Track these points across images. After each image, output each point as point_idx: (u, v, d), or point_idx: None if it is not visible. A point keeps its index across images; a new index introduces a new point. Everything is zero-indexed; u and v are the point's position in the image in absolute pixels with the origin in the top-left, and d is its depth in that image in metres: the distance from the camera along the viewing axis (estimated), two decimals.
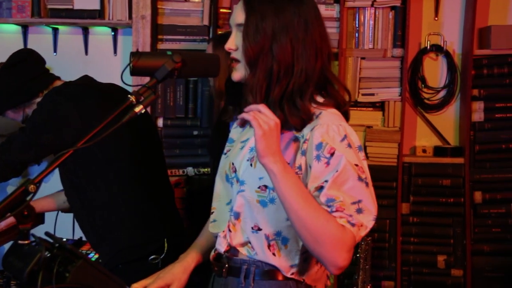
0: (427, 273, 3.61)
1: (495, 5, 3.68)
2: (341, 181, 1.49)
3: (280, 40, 1.56)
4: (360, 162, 1.53)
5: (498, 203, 3.60)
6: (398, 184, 3.59)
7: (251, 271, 1.63)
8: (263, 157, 1.49)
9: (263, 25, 1.56)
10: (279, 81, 1.57)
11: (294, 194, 1.47)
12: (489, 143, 3.61)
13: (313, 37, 1.58)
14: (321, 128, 1.54)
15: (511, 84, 3.58)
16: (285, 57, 1.56)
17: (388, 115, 3.61)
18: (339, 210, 1.47)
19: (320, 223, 1.45)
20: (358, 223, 1.47)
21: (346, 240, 1.46)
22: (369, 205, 1.50)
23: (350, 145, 1.52)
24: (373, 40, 3.61)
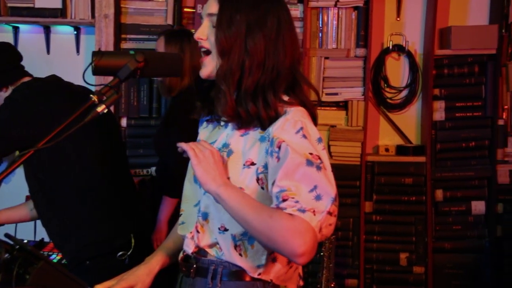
0: (389, 270, 3.65)
1: (455, 6, 3.75)
2: (290, 170, 1.47)
3: (254, 34, 1.56)
4: (317, 151, 1.50)
5: (459, 201, 3.66)
6: (362, 183, 3.63)
7: (218, 271, 1.62)
8: (204, 184, 1.53)
9: (238, 17, 1.56)
10: (252, 73, 1.57)
11: (240, 205, 1.50)
12: (450, 141, 3.67)
13: (285, 37, 1.59)
14: (278, 123, 1.55)
15: (471, 84, 3.65)
16: (257, 52, 1.56)
17: (352, 115, 3.65)
18: (286, 199, 1.44)
19: (265, 222, 1.44)
20: (310, 208, 1.43)
21: (297, 228, 1.41)
22: (325, 188, 1.46)
23: (305, 136, 1.51)
24: (337, 40, 3.65)
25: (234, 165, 1.60)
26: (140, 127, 3.64)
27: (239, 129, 1.62)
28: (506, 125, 3.66)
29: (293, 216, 1.42)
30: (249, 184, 1.57)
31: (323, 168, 1.48)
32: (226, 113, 1.59)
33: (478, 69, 3.64)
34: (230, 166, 1.60)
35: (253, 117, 1.57)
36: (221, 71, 1.58)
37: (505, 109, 3.66)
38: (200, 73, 1.65)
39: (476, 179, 3.66)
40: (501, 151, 3.65)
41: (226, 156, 1.62)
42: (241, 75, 1.57)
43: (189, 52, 3.02)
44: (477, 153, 3.67)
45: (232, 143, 1.62)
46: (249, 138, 1.60)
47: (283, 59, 1.59)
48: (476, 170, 3.66)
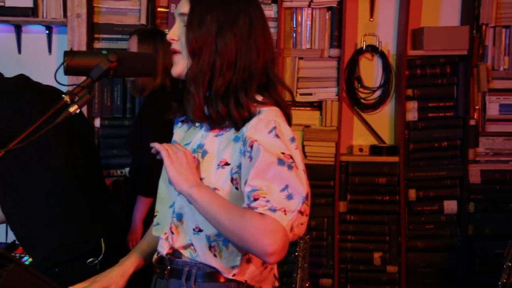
0: (363, 270, 3.68)
1: (427, 7, 3.78)
2: (262, 170, 1.47)
3: (224, 34, 1.55)
4: (290, 151, 1.50)
5: (431, 200, 3.70)
6: (336, 183, 3.64)
7: (193, 273, 1.62)
8: (176, 184, 1.54)
9: (208, 17, 1.55)
10: (222, 74, 1.55)
11: (211, 205, 1.50)
12: (423, 141, 3.70)
13: (257, 36, 1.58)
14: (251, 122, 1.54)
15: (443, 84, 3.68)
16: (228, 52, 1.55)
17: (326, 115, 3.66)
18: (256, 198, 1.45)
19: (236, 221, 1.45)
20: (281, 208, 1.43)
21: (267, 227, 1.42)
22: (296, 187, 1.47)
23: (278, 136, 1.51)
24: (311, 40, 3.66)
25: (208, 165, 1.59)
26: (113, 127, 3.62)
27: (212, 129, 1.61)
28: (478, 125, 3.70)
29: (264, 216, 1.43)
30: (223, 185, 1.57)
31: (295, 168, 1.49)
32: (195, 114, 1.58)
33: (450, 69, 3.67)
34: (205, 166, 1.59)
35: (223, 118, 1.57)
36: (191, 72, 1.57)
37: (476, 109, 3.70)
38: (172, 71, 1.64)
39: (448, 179, 3.70)
40: (472, 151, 3.69)
41: (201, 156, 1.61)
42: (212, 76, 1.56)
43: (162, 52, 3.01)
44: (449, 153, 3.70)
45: (206, 144, 1.62)
46: (223, 138, 1.60)
47: (255, 58, 1.58)
48: (448, 170, 3.69)
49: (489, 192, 3.68)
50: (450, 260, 3.68)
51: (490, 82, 3.68)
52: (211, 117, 1.58)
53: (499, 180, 3.70)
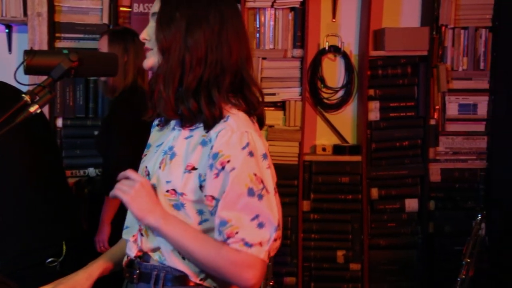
0: (327, 268, 3.71)
1: (388, 9, 3.83)
2: (232, 200, 1.48)
3: (193, 30, 1.54)
4: (261, 171, 1.50)
5: (393, 199, 3.75)
6: (299, 182, 3.67)
7: (161, 277, 1.59)
8: (142, 219, 1.54)
9: (177, 14, 1.54)
10: (193, 69, 1.54)
11: (183, 239, 1.52)
12: (385, 141, 3.75)
13: (228, 32, 1.56)
14: (224, 135, 1.51)
15: (404, 84, 3.74)
16: (198, 48, 1.53)
17: (289, 115, 3.68)
18: (230, 236, 1.47)
19: (212, 258, 1.49)
20: (256, 242, 1.47)
21: (245, 263, 1.46)
22: (267, 217, 1.48)
23: (252, 153, 1.49)
24: (274, 40, 3.67)
25: (176, 168, 1.56)
26: (76, 127, 3.59)
27: (184, 129, 1.59)
28: (438, 125, 3.76)
29: (240, 252, 1.46)
30: (190, 190, 1.54)
31: (266, 194, 1.49)
32: (166, 112, 1.57)
33: (411, 70, 3.73)
34: (172, 169, 1.57)
35: (195, 115, 1.55)
36: (161, 69, 1.56)
37: (437, 109, 3.76)
38: (144, 64, 1.63)
39: (409, 178, 3.75)
40: (432, 150, 3.76)
41: (169, 159, 1.58)
42: (182, 72, 1.54)
43: (133, 52, 3.00)
44: (410, 152, 3.76)
45: (176, 146, 1.59)
46: (192, 140, 1.58)
47: (227, 54, 1.55)
48: (409, 168, 3.75)
49: (449, 191, 3.75)
50: (411, 257, 3.74)
51: (449, 83, 3.75)
52: (183, 114, 1.56)
53: (458, 179, 3.77)
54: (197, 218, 1.55)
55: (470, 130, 3.79)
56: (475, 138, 3.78)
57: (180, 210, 1.56)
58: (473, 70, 3.75)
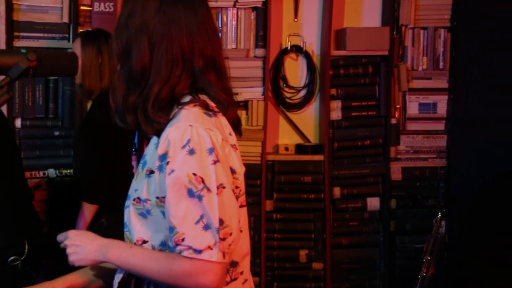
0: (289, 267, 3.72)
1: (349, 8, 3.85)
2: (173, 204, 1.44)
3: (139, 40, 1.51)
4: (203, 169, 1.44)
5: (355, 198, 3.78)
6: (262, 181, 3.67)
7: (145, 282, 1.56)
8: (96, 262, 1.58)
9: (131, 22, 1.52)
10: (138, 84, 1.52)
11: (135, 264, 1.52)
12: (347, 140, 3.77)
13: (181, 42, 1.52)
14: (168, 132, 1.47)
15: (365, 84, 3.77)
16: (143, 60, 1.51)
17: (252, 114, 3.68)
18: (178, 243, 1.44)
19: (167, 275, 1.47)
20: (204, 247, 1.43)
21: (199, 271, 1.44)
22: (210, 217, 1.43)
23: (193, 151, 1.44)
24: (236, 40, 3.67)
25: (143, 177, 1.56)
26: (35, 128, 3.53)
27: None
28: (399, 124, 3.81)
29: (193, 260, 1.43)
30: (152, 194, 1.52)
31: (206, 194, 1.44)
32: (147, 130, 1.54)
33: (372, 69, 3.76)
34: (141, 178, 1.56)
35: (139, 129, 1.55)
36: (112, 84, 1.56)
37: (397, 109, 3.80)
38: None
39: (371, 176, 3.78)
40: (394, 149, 3.80)
41: (141, 168, 1.58)
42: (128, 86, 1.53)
43: (107, 53, 2.97)
44: (371, 151, 3.79)
45: (147, 154, 1.59)
46: (151, 146, 1.58)
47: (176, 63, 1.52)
48: (371, 167, 3.78)
49: (410, 189, 3.79)
50: (373, 256, 3.78)
51: (410, 82, 3.80)
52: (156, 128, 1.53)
53: (419, 177, 3.82)
54: (164, 221, 1.50)
55: (430, 129, 3.84)
56: (435, 136, 3.84)
57: (147, 218, 1.54)
58: (432, 69, 3.80)
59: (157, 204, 1.50)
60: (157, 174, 1.48)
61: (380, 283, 3.77)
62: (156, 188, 1.49)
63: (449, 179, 3.80)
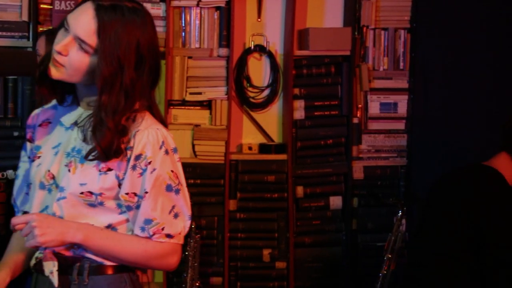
0: (253, 267, 3.72)
1: (312, 9, 3.87)
2: (154, 199, 1.63)
3: (130, 70, 1.61)
4: (175, 166, 1.68)
5: (318, 197, 3.80)
6: (226, 181, 3.67)
7: (85, 267, 1.64)
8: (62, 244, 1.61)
9: (118, 53, 1.59)
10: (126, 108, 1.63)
11: (108, 246, 1.63)
12: (310, 139, 3.79)
13: (151, 63, 1.67)
14: (141, 135, 1.63)
15: (328, 84, 3.79)
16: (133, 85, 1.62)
17: (215, 114, 3.68)
18: (156, 233, 1.64)
19: (140, 256, 1.65)
20: (176, 233, 1.67)
21: (169, 252, 1.67)
22: (182, 208, 1.68)
23: (167, 152, 1.65)
24: (200, 39, 3.66)
25: (90, 171, 1.62)
26: None
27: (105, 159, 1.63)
28: (360, 123, 3.84)
29: (163, 243, 1.65)
30: (109, 189, 1.62)
31: (181, 188, 1.68)
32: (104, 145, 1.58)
33: (334, 69, 3.79)
34: (86, 172, 1.62)
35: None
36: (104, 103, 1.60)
37: (359, 108, 3.84)
38: (51, 74, 1.63)
39: (333, 175, 3.81)
40: (356, 148, 3.83)
41: (79, 162, 1.63)
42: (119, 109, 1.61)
43: None
44: (334, 150, 3.82)
45: (85, 148, 1.63)
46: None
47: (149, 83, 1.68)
48: (334, 166, 3.81)
49: (371, 188, 3.83)
50: (336, 254, 3.80)
51: (371, 82, 3.83)
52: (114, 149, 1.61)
53: (380, 176, 3.86)
54: (117, 210, 1.66)
55: (391, 128, 3.88)
56: (396, 136, 3.88)
57: (96, 207, 1.64)
58: (393, 70, 3.84)
59: (125, 199, 1.62)
60: (130, 173, 1.62)
61: (342, 281, 3.80)
62: (127, 185, 1.62)
63: (410, 178, 3.85)
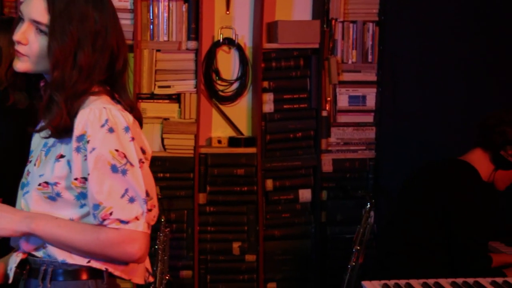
0: (223, 260, 3.73)
1: (281, 2, 3.86)
2: (98, 181, 1.53)
3: (84, 46, 1.57)
4: (123, 145, 1.55)
5: (287, 190, 3.81)
6: (195, 175, 3.66)
7: (48, 271, 1.61)
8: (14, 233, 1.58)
9: (70, 28, 1.56)
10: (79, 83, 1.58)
11: (60, 234, 1.57)
12: (279, 132, 3.79)
13: (111, 45, 1.62)
14: (83, 114, 1.56)
15: (297, 77, 3.80)
16: (87, 63, 1.57)
17: (184, 107, 3.66)
18: (105, 218, 1.53)
19: (94, 244, 1.55)
20: (132, 218, 1.53)
21: (126, 239, 1.53)
22: (135, 190, 1.55)
23: (112, 130, 1.55)
24: (168, 32, 3.64)
25: (49, 161, 1.61)
26: None
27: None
28: (329, 116, 3.85)
29: (119, 230, 1.53)
30: (62, 178, 1.58)
31: (130, 168, 1.55)
32: (55, 124, 1.56)
33: (303, 62, 3.79)
34: (45, 164, 1.61)
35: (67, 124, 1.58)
36: (56, 81, 1.56)
37: (328, 101, 3.85)
38: (16, 66, 1.62)
39: (302, 168, 3.82)
40: (325, 141, 3.85)
41: (44, 155, 1.62)
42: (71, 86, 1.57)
43: None
44: (303, 143, 3.83)
45: (49, 141, 1.63)
46: None
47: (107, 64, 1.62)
48: (303, 159, 3.82)
49: (340, 180, 3.85)
50: (305, 247, 3.83)
51: (340, 75, 3.84)
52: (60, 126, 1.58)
53: (349, 169, 3.88)
54: (77, 203, 1.60)
55: (360, 121, 3.90)
56: (364, 129, 3.91)
57: (56, 200, 1.60)
58: (361, 62, 3.86)
59: (75, 185, 1.57)
60: (75, 156, 1.55)
61: (311, 273, 3.83)
62: (74, 169, 1.56)
63: (378, 170, 3.88)
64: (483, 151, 2.76)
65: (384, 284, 2.22)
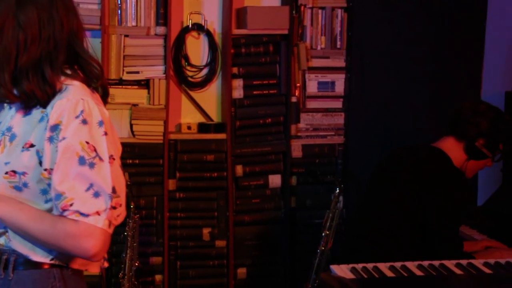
0: (193, 246, 3.73)
1: None
2: (64, 171, 1.49)
3: (24, 6, 1.51)
4: (94, 139, 1.52)
5: (257, 175, 3.82)
6: (165, 161, 3.65)
7: (11, 261, 1.58)
8: None
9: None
10: (27, 49, 1.52)
11: (18, 218, 1.52)
12: (248, 118, 3.80)
13: (58, 5, 1.55)
14: (60, 104, 1.52)
15: (266, 63, 3.80)
16: (31, 25, 1.52)
17: (153, 93, 3.64)
18: (65, 209, 1.49)
19: (50, 233, 1.50)
20: (92, 212, 1.49)
21: (83, 233, 1.48)
22: (101, 185, 1.50)
23: (85, 121, 1.51)
24: (136, 17, 3.61)
25: (15, 149, 1.55)
26: None
27: (23, 109, 1.56)
28: (299, 102, 3.87)
29: (77, 222, 1.48)
30: (30, 168, 1.54)
31: (98, 163, 1.51)
32: (5, 97, 1.53)
33: (273, 48, 3.80)
34: (11, 150, 1.55)
35: (31, 97, 1.53)
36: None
37: (297, 87, 3.86)
38: None
39: (272, 154, 3.84)
40: (294, 127, 3.86)
41: (9, 140, 1.56)
42: (17, 53, 1.52)
43: None
44: (273, 129, 3.84)
45: (14, 126, 1.58)
46: (30, 119, 1.57)
47: (59, 28, 1.55)
48: (273, 145, 3.83)
49: (310, 166, 3.88)
50: (275, 232, 3.85)
51: (309, 61, 3.86)
52: (21, 97, 1.54)
53: (318, 154, 3.90)
54: (42, 198, 1.56)
55: (329, 107, 3.93)
56: (333, 114, 3.93)
57: (22, 191, 1.55)
58: (330, 49, 3.88)
59: (45, 177, 1.52)
60: (47, 146, 1.51)
61: (281, 258, 3.85)
62: (45, 160, 1.51)
63: (347, 156, 3.92)
64: (456, 140, 2.79)
65: (352, 267, 2.24)
